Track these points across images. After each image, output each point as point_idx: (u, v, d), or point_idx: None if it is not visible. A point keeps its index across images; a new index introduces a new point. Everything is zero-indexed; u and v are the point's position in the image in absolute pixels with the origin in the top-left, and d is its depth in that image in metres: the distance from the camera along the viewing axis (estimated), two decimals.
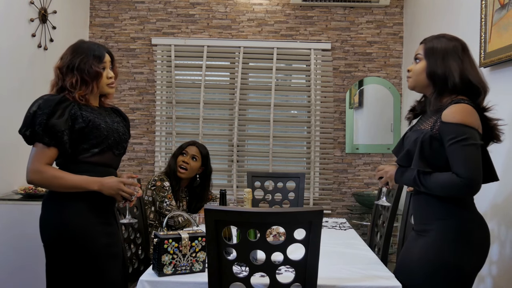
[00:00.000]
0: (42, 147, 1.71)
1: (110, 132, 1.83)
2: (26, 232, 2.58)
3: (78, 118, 1.75)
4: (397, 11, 4.10)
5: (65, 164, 1.79)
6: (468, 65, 1.70)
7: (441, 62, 1.70)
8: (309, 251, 1.51)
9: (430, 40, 1.77)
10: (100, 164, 1.82)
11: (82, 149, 1.78)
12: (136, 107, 4.09)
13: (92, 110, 1.82)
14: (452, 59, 1.69)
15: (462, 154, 1.58)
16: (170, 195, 2.68)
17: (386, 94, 4.09)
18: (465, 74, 1.68)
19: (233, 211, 1.52)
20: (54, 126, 1.69)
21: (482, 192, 1.77)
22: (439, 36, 1.77)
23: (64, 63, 1.80)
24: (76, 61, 1.78)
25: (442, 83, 1.70)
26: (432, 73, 1.72)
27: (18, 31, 2.99)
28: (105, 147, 1.81)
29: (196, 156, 2.80)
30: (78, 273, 1.74)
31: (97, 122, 1.79)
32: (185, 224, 2.64)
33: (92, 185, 1.73)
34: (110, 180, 1.76)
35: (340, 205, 4.09)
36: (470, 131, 1.60)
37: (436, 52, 1.72)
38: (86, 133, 1.77)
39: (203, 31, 4.10)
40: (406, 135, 1.80)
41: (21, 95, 2.96)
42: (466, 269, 1.67)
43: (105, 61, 1.84)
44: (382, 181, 1.87)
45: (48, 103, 1.71)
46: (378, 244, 2.53)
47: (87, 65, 1.78)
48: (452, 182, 1.58)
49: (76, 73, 1.77)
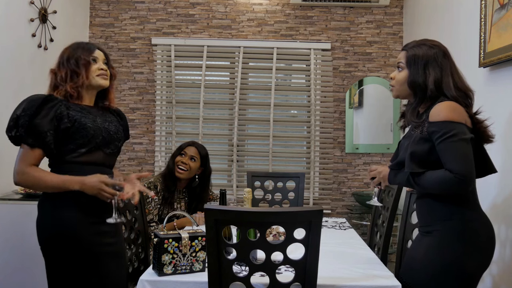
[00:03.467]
0: (27, 149, 1.71)
1: (98, 131, 1.79)
2: (26, 232, 2.58)
3: (64, 118, 1.72)
4: (397, 11, 4.10)
5: (54, 165, 1.78)
6: (448, 71, 1.70)
7: (422, 71, 1.71)
8: (309, 251, 1.51)
9: (411, 48, 1.77)
10: (89, 163, 1.79)
11: (69, 149, 1.75)
12: (136, 107, 4.09)
13: (81, 109, 1.79)
14: (431, 67, 1.70)
15: (453, 151, 1.58)
16: (149, 208, 2.62)
17: (386, 94, 4.09)
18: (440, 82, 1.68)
19: (233, 210, 1.52)
20: (37, 127, 1.68)
21: (482, 192, 1.77)
22: (420, 43, 1.77)
23: (56, 64, 1.82)
24: (65, 56, 1.80)
25: (422, 92, 1.72)
26: (412, 82, 1.73)
27: (18, 31, 3.00)
28: (93, 147, 1.78)
29: (195, 157, 2.78)
30: (76, 273, 1.73)
31: (83, 121, 1.76)
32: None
33: (74, 185, 1.70)
34: (91, 179, 1.70)
35: (340, 204, 4.10)
36: (458, 126, 1.60)
37: (417, 61, 1.73)
38: (72, 133, 1.74)
39: (203, 31, 4.10)
40: (401, 143, 1.82)
41: (21, 95, 2.94)
42: (470, 269, 1.66)
43: (96, 54, 1.84)
44: (374, 181, 1.87)
45: (32, 104, 1.70)
46: (378, 243, 2.54)
47: (75, 56, 1.79)
48: (446, 179, 1.58)
49: (66, 65, 1.78)
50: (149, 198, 2.62)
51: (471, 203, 1.70)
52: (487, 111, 1.80)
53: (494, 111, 2.33)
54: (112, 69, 1.92)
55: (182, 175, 2.74)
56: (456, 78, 1.71)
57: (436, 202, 1.71)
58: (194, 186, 2.85)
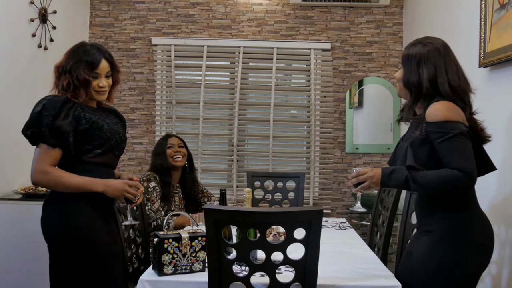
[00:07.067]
0: (47, 148, 1.72)
1: (112, 134, 1.85)
2: (26, 232, 2.59)
3: (82, 119, 1.76)
4: (397, 11, 4.10)
5: (67, 164, 1.79)
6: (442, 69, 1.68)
7: (415, 70, 1.71)
8: (309, 251, 1.51)
9: (408, 47, 1.78)
10: (101, 164, 1.84)
11: (85, 150, 1.79)
12: (136, 107, 4.09)
13: (94, 111, 1.83)
14: (425, 65, 1.69)
15: (457, 150, 1.58)
16: (154, 197, 2.68)
17: (386, 94, 4.09)
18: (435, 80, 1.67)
19: (233, 210, 1.52)
20: (60, 127, 1.70)
21: (481, 191, 1.78)
22: (417, 41, 1.77)
23: (61, 63, 1.82)
24: (69, 64, 1.79)
25: (417, 91, 1.71)
26: (406, 81, 1.74)
27: (18, 31, 3.00)
28: (107, 148, 1.83)
29: (181, 144, 2.92)
30: (82, 272, 1.75)
31: (100, 123, 1.81)
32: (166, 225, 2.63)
33: (97, 187, 1.75)
34: (115, 182, 1.79)
35: (340, 204, 4.10)
36: (457, 125, 1.60)
37: (410, 60, 1.73)
38: (90, 134, 1.78)
39: (203, 31, 4.10)
40: (399, 145, 1.80)
41: (21, 95, 2.96)
42: (469, 269, 1.66)
43: (99, 70, 1.82)
44: (363, 186, 1.71)
45: (53, 104, 1.72)
46: (378, 243, 2.54)
47: (77, 71, 1.78)
48: (455, 177, 1.56)
49: (68, 76, 1.78)
50: (150, 188, 2.69)
51: (470, 202, 1.70)
52: (487, 111, 1.80)
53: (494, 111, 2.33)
54: (117, 74, 1.93)
55: (181, 162, 2.85)
56: (451, 76, 1.68)
57: (435, 202, 1.71)
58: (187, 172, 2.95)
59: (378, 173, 1.69)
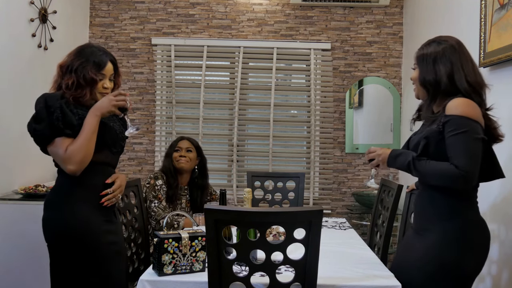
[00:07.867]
0: (61, 140, 1.71)
1: (106, 130, 1.83)
2: (26, 232, 2.59)
3: (75, 115, 1.75)
4: (397, 11, 4.10)
5: None
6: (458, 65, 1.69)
7: (432, 68, 1.71)
8: (309, 251, 1.51)
9: (422, 47, 1.79)
10: (99, 163, 1.81)
11: None
12: (136, 107, 4.09)
13: (87, 108, 1.80)
14: (441, 63, 1.70)
15: (462, 146, 1.58)
16: (161, 195, 2.71)
17: (386, 94, 4.09)
18: (453, 76, 1.67)
19: (233, 210, 1.53)
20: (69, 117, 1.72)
21: (482, 192, 1.77)
22: (431, 41, 1.78)
23: (66, 62, 1.82)
24: (76, 63, 1.78)
25: (434, 89, 1.71)
26: (423, 80, 1.74)
27: (18, 31, 3.00)
28: (101, 145, 1.80)
29: (190, 148, 2.89)
30: (82, 272, 1.75)
31: None
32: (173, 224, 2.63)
33: (94, 118, 1.73)
34: (101, 102, 1.76)
35: (340, 205, 4.10)
36: (472, 124, 1.60)
37: (425, 59, 1.74)
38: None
39: (203, 31, 4.10)
40: (411, 139, 1.81)
41: (21, 95, 2.96)
42: (466, 270, 1.67)
43: (105, 71, 1.83)
44: (373, 163, 1.85)
45: (54, 99, 1.73)
46: (378, 243, 2.54)
47: (85, 70, 1.77)
48: (450, 172, 1.58)
49: (73, 75, 1.77)
50: (157, 186, 2.69)
51: (471, 204, 1.71)
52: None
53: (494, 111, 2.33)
54: (118, 77, 1.93)
55: (185, 165, 2.83)
56: (468, 72, 1.69)
57: (435, 202, 1.71)
58: (195, 177, 2.92)
59: (386, 153, 1.79)
